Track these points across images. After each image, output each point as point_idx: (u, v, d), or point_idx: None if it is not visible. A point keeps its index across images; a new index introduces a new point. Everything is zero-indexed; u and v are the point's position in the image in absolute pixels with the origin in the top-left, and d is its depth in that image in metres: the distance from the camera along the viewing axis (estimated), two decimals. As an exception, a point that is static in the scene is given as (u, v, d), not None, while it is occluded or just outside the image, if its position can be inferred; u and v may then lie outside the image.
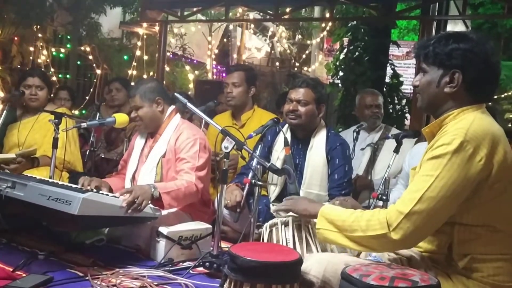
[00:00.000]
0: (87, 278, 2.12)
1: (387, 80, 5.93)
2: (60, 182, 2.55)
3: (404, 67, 9.49)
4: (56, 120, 2.85)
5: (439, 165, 1.53)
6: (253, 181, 2.42)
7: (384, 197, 2.59)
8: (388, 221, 1.55)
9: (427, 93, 1.70)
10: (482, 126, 1.55)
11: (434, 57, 1.66)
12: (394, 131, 3.81)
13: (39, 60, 6.56)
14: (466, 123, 1.56)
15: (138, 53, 7.24)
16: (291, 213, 2.03)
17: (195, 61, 9.98)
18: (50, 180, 2.58)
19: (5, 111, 3.35)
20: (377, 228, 1.57)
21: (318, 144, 2.93)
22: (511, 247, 1.60)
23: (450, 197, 1.51)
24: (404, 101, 5.88)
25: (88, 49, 7.15)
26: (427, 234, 1.61)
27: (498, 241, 1.59)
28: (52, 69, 6.69)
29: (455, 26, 6.42)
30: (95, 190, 2.42)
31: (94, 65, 7.31)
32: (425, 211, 1.52)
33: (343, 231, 1.65)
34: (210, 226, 2.64)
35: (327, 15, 6.45)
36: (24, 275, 2.10)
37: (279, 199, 3.02)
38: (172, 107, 2.94)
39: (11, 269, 2.14)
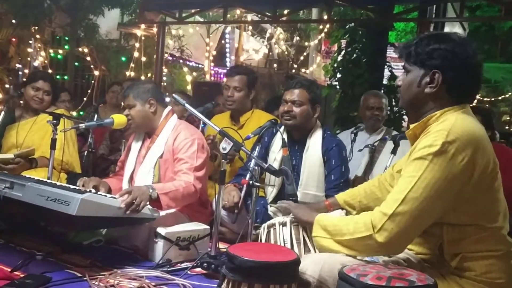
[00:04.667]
0: (85, 278, 2.11)
1: (385, 82, 5.96)
2: (58, 183, 2.54)
3: (402, 69, 9.50)
4: (54, 121, 2.85)
5: (421, 166, 1.54)
6: (251, 182, 2.43)
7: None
8: (372, 223, 1.57)
9: (408, 93, 1.71)
10: (464, 126, 1.56)
11: (415, 56, 1.68)
12: (394, 133, 3.82)
13: (37, 61, 6.56)
14: (447, 124, 1.56)
15: (136, 54, 7.26)
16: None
17: (193, 63, 9.99)
18: (49, 181, 2.58)
19: (3, 112, 3.34)
20: (362, 230, 1.58)
21: (314, 145, 2.94)
22: (500, 243, 1.61)
23: (433, 198, 1.52)
24: (401, 103, 5.90)
25: (86, 50, 7.17)
26: (413, 237, 1.60)
27: (487, 238, 1.60)
28: (50, 70, 6.69)
29: (452, 29, 6.44)
30: (93, 191, 2.42)
31: (92, 66, 7.32)
32: (408, 212, 1.52)
33: (334, 236, 1.67)
34: (208, 227, 2.64)
35: (325, 17, 6.49)
36: (22, 275, 2.10)
37: (276, 200, 3.03)
38: (168, 108, 2.95)
39: (9, 270, 2.14)
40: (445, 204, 1.55)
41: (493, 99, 13.78)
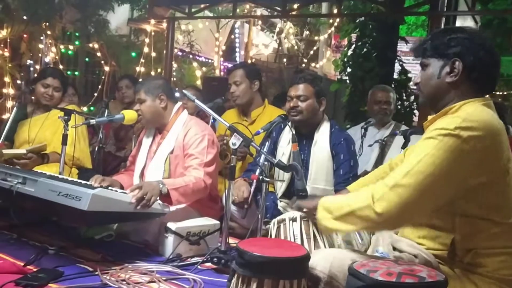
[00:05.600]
0: (96, 273, 2.14)
1: (395, 76, 5.91)
2: (70, 178, 2.57)
3: (413, 63, 9.36)
4: (66, 117, 2.88)
5: (431, 144, 1.53)
6: (261, 177, 2.43)
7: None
8: (373, 194, 1.55)
9: (429, 86, 1.70)
10: (480, 116, 1.54)
11: (432, 49, 1.68)
12: (404, 128, 3.80)
13: (48, 57, 6.60)
14: (464, 113, 1.56)
15: (146, 50, 7.27)
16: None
17: (202, 58, 9.99)
18: (60, 176, 2.60)
19: (15, 108, 3.38)
20: (362, 200, 1.56)
21: (322, 139, 2.94)
22: None
23: (437, 176, 1.49)
24: (412, 98, 5.85)
25: (96, 46, 7.19)
26: (412, 213, 1.56)
27: (500, 234, 1.58)
28: (61, 66, 6.74)
29: (464, 22, 6.37)
30: (104, 186, 2.43)
31: (102, 62, 7.35)
32: (411, 185, 1.50)
33: (334, 213, 1.64)
34: (218, 222, 2.65)
35: (335, 11, 6.44)
36: (35, 269, 2.13)
37: (286, 195, 3.03)
38: (179, 104, 2.96)
39: (22, 264, 2.17)
40: (450, 187, 1.53)
41: (505, 93, 13.59)
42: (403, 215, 1.54)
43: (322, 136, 2.96)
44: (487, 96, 1.68)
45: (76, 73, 7.44)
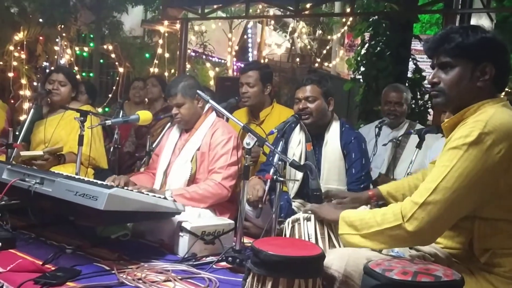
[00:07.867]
0: (113, 271, 2.16)
1: (409, 75, 5.86)
2: (86, 178, 2.60)
3: (427, 61, 9.26)
4: (82, 118, 2.91)
5: (455, 155, 1.51)
6: (275, 177, 2.43)
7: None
8: (402, 212, 1.54)
9: (458, 89, 1.63)
10: (502, 119, 1.52)
11: (465, 49, 1.60)
12: (419, 127, 3.72)
13: (63, 59, 6.69)
14: (485, 116, 1.53)
15: (159, 51, 7.33)
16: None
17: (215, 58, 10.03)
18: (77, 177, 2.63)
19: (32, 109, 3.43)
20: (391, 220, 1.56)
21: (332, 139, 2.93)
22: None
23: (465, 188, 1.49)
24: (426, 96, 5.80)
25: (110, 47, 7.27)
26: (444, 227, 1.57)
27: None
28: (76, 68, 6.83)
29: (479, 20, 6.29)
30: (120, 186, 2.46)
31: (116, 63, 7.42)
32: (440, 202, 1.49)
33: (361, 231, 1.64)
34: (232, 221, 2.66)
35: (348, 10, 6.42)
36: (53, 268, 2.16)
37: (298, 195, 3.03)
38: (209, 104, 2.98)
39: (41, 263, 2.20)
40: (478, 196, 1.52)
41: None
42: (435, 231, 1.55)
43: (333, 136, 2.95)
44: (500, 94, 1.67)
45: (91, 74, 7.53)
